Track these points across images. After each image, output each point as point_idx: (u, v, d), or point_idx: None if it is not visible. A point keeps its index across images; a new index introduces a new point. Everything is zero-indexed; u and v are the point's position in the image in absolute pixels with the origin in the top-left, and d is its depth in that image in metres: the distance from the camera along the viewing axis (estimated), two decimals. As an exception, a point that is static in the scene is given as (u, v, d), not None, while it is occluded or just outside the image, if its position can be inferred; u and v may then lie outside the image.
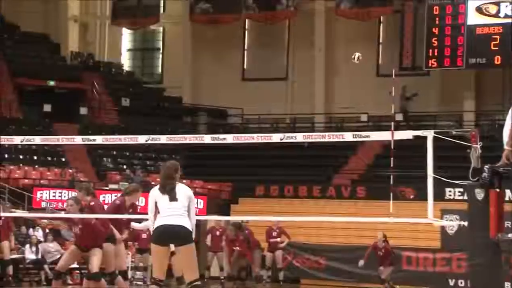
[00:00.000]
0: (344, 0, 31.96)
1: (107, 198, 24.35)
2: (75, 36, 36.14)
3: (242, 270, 22.12)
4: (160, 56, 36.76)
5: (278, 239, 21.17)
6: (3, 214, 18.17)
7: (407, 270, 21.98)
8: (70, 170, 27.08)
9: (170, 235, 8.85)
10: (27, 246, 20.33)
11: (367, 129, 28.38)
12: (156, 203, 9.08)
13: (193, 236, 9.10)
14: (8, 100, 30.78)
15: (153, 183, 23.63)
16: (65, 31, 35.68)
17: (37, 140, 15.13)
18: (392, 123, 13.15)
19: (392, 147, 11.13)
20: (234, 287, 19.94)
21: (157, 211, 9.08)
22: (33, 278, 20.70)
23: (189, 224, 9.01)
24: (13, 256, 19.72)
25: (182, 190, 9.22)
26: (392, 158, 12.20)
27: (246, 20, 34.27)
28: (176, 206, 8.99)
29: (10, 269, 19.08)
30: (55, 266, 14.64)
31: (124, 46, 37.27)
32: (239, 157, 28.55)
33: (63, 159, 28.33)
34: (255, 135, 15.25)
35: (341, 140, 14.57)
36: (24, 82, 32.01)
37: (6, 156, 26.63)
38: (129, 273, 19.99)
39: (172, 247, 8.89)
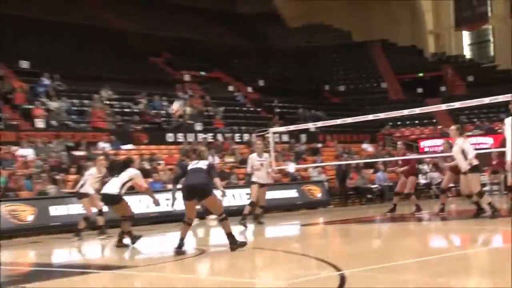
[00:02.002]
0: None
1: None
2: (432, 43, 35.54)
3: None
4: (491, 44, 34.61)
5: None
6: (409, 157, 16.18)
7: None
8: (439, 126, 26.60)
9: None
10: (419, 175, 19.17)
11: None
12: None
13: None
14: (394, 89, 31.26)
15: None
16: (425, 40, 35.23)
17: (417, 110, 15.02)
18: None
19: None
20: None
21: None
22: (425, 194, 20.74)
23: None
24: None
25: None
26: None
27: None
28: None
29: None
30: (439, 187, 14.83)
31: (465, 42, 35.75)
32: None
33: (434, 120, 27.90)
34: None
35: None
36: (403, 76, 32.25)
37: (398, 123, 27.12)
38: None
39: None
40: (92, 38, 26.87)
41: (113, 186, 9.47)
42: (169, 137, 20.58)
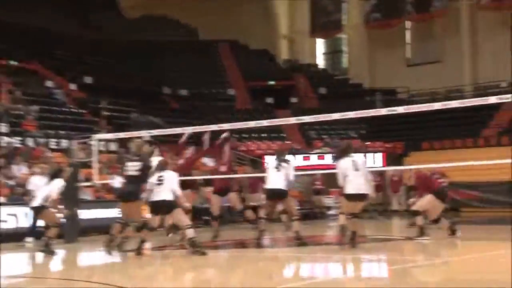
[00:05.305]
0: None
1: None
2: (285, 48, 36.86)
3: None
4: (345, 55, 36.71)
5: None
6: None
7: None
8: (288, 142, 27.71)
9: None
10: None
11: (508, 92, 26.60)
12: None
13: None
14: (243, 97, 31.93)
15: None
16: (278, 45, 36.49)
17: (264, 122, 15.80)
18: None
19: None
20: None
21: None
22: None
23: None
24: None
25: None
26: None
27: (406, 22, 33.44)
28: None
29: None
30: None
31: (319, 51, 37.56)
32: (408, 122, 27.71)
33: (283, 135, 28.95)
34: (419, 105, 14.89)
35: (486, 103, 13.94)
36: (253, 84, 33.08)
37: (244, 135, 27.71)
38: None
39: None
40: None
41: None
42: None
